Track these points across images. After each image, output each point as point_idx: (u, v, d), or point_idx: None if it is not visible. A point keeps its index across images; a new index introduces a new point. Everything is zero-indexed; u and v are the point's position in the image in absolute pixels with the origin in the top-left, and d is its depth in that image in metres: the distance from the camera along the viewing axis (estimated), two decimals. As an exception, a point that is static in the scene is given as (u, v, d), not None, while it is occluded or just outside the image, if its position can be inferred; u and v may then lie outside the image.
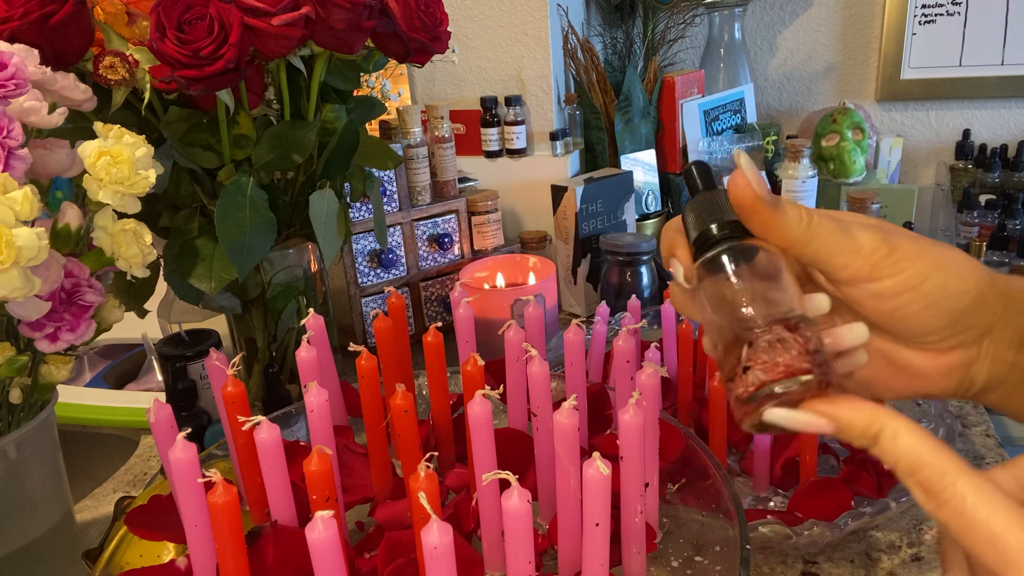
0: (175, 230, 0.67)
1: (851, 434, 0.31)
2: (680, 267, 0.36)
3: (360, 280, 1.00)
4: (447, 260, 1.07)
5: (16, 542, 0.56)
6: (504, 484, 0.37)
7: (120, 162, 0.50)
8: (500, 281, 1.01)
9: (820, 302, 0.35)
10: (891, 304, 0.34)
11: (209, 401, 0.76)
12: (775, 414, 0.32)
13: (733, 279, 0.34)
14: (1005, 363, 0.37)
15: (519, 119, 1.18)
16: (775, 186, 1.25)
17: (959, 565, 0.31)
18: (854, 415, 0.31)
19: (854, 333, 0.35)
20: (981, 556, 0.27)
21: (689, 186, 0.37)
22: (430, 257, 1.05)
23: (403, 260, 1.02)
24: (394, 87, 1.31)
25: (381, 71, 1.21)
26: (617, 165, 1.24)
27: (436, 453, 0.48)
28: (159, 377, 0.93)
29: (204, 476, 0.40)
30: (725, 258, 0.34)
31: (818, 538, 0.57)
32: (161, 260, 0.66)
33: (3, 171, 0.46)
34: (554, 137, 1.19)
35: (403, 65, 0.98)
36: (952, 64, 1.54)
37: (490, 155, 1.21)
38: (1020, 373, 0.37)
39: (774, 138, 1.40)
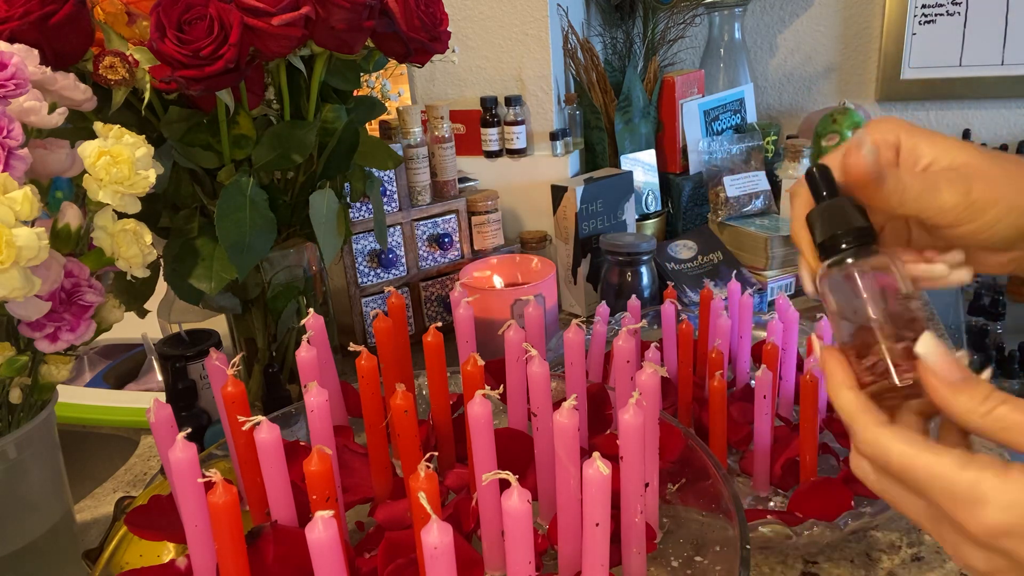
0: (175, 230, 0.67)
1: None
2: (807, 271, 0.44)
3: (360, 280, 1.00)
4: (447, 260, 1.07)
5: (16, 542, 0.56)
6: (504, 484, 0.37)
7: (120, 162, 0.50)
8: (500, 281, 1.01)
9: (939, 271, 0.43)
10: (965, 237, 0.41)
11: (209, 401, 0.76)
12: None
13: (855, 282, 0.40)
14: None
15: (519, 119, 1.18)
16: (775, 186, 1.25)
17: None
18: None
19: (934, 272, 0.43)
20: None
21: (812, 190, 0.42)
22: (430, 257, 1.05)
23: (403, 260, 1.02)
24: (394, 87, 1.31)
25: (381, 71, 1.21)
26: (617, 165, 1.24)
27: (436, 453, 0.48)
28: (159, 377, 0.93)
29: (204, 476, 0.40)
30: (849, 261, 0.40)
31: (818, 538, 0.57)
32: (161, 260, 0.66)
33: (3, 171, 0.46)
34: (554, 137, 1.19)
35: (403, 65, 0.98)
36: (952, 64, 1.54)
37: (490, 155, 1.21)
38: None
39: (774, 138, 1.40)
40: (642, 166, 1.25)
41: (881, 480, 0.38)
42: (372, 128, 1.06)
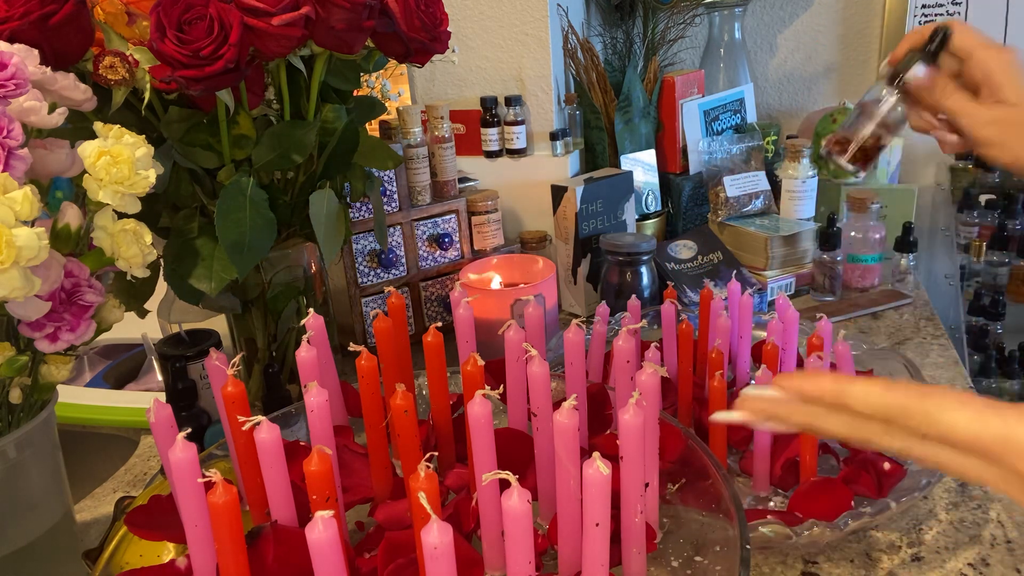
0: (175, 230, 0.67)
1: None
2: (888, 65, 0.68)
3: (360, 280, 1.00)
4: (447, 260, 1.07)
5: (16, 542, 0.56)
6: (504, 484, 0.37)
7: (120, 162, 0.50)
8: (500, 281, 1.01)
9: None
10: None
11: (209, 401, 0.76)
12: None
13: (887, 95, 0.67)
14: None
15: (519, 119, 1.18)
16: (775, 186, 1.25)
17: None
18: None
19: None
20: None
21: (929, 40, 0.64)
22: (430, 257, 1.05)
23: (403, 260, 1.02)
24: (394, 87, 1.31)
25: (381, 71, 1.21)
26: (617, 165, 1.24)
27: (436, 453, 0.48)
28: (159, 377, 0.93)
29: (204, 476, 0.40)
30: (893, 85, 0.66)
31: (818, 538, 0.57)
32: (161, 260, 0.66)
33: (3, 171, 0.46)
34: (554, 137, 1.19)
35: (403, 65, 0.98)
36: (952, 64, 1.53)
37: (490, 155, 1.21)
38: None
39: (774, 138, 1.40)
40: (642, 166, 1.25)
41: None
42: (372, 128, 1.05)
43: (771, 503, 0.65)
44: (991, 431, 0.34)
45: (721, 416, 0.42)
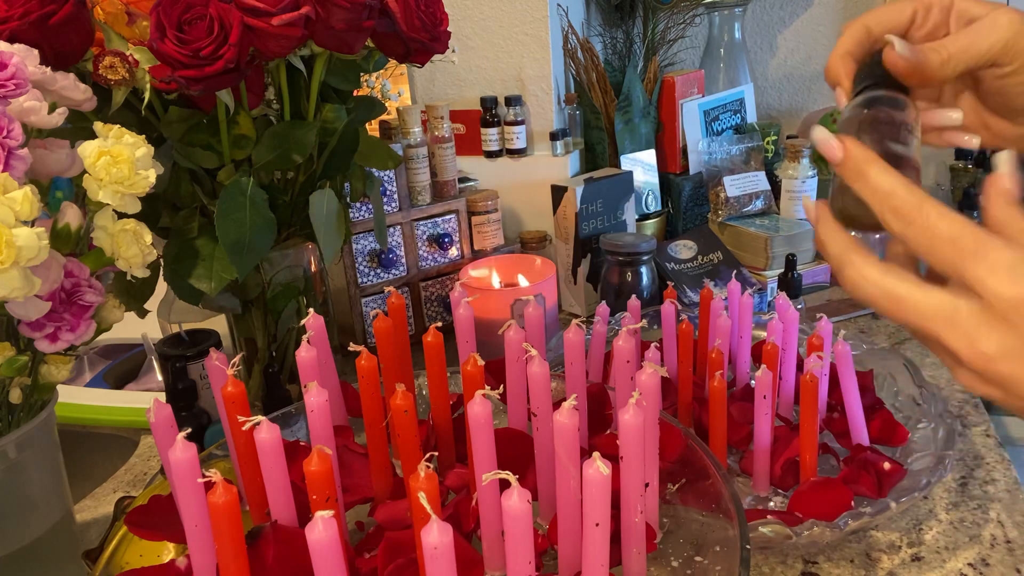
0: (175, 230, 0.67)
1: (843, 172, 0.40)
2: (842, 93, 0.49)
3: (360, 280, 1.00)
4: (447, 260, 1.07)
5: (16, 542, 0.56)
6: (504, 484, 0.37)
7: (120, 162, 0.50)
8: (500, 281, 1.01)
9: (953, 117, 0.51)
10: (1001, 87, 0.47)
11: (209, 401, 0.76)
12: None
13: (868, 111, 0.45)
14: None
15: (519, 119, 1.18)
16: (775, 186, 1.25)
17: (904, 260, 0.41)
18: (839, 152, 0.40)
19: (950, 117, 0.50)
20: (942, 255, 0.36)
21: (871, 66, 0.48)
22: (430, 257, 1.05)
23: (403, 260, 1.02)
24: (394, 87, 1.31)
25: (381, 71, 1.21)
26: (617, 165, 1.24)
27: (436, 453, 0.48)
28: (159, 377, 0.93)
29: (204, 476, 0.40)
30: (873, 95, 0.45)
31: (818, 538, 0.57)
32: (161, 260, 0.66)
33: (3, 171, 0.46)
34: (554, 137, 1.19)
35: (403, 65, 0.98)
36: (952, 64, 1.53)
37: (490, 155, 1.21)
38: None
39: (774, 138, 1.40)
40: (642, 166, 1.25)
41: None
42: (372, 128, 1.06)
43: (771, 503, 0.65)
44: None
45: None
